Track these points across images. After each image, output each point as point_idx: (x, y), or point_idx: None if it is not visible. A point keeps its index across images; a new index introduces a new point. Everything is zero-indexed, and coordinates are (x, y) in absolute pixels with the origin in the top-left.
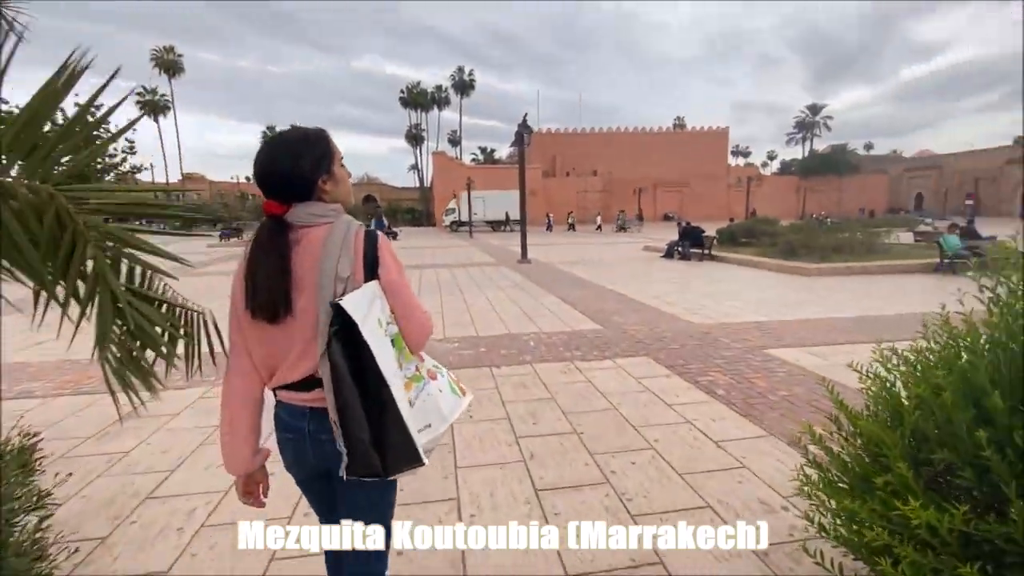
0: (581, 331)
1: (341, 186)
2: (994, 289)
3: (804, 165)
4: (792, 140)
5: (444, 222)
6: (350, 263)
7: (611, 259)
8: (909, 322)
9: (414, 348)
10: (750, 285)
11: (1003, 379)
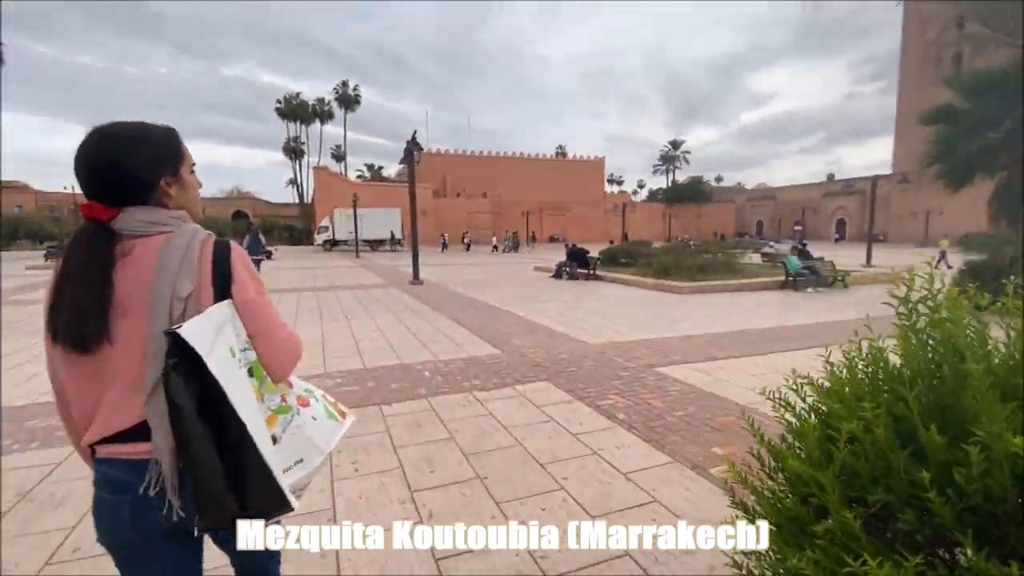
0: (479, 357)
1: (189, 193)
2: (911, 314)
3: (668, 194)
4: (658, 171)
5: (317, 240)
6: (192, 280)
7: (504, 279)
8: (771, 335)
9: (279, 375)
10: (633, 303)
11: (935, 411)
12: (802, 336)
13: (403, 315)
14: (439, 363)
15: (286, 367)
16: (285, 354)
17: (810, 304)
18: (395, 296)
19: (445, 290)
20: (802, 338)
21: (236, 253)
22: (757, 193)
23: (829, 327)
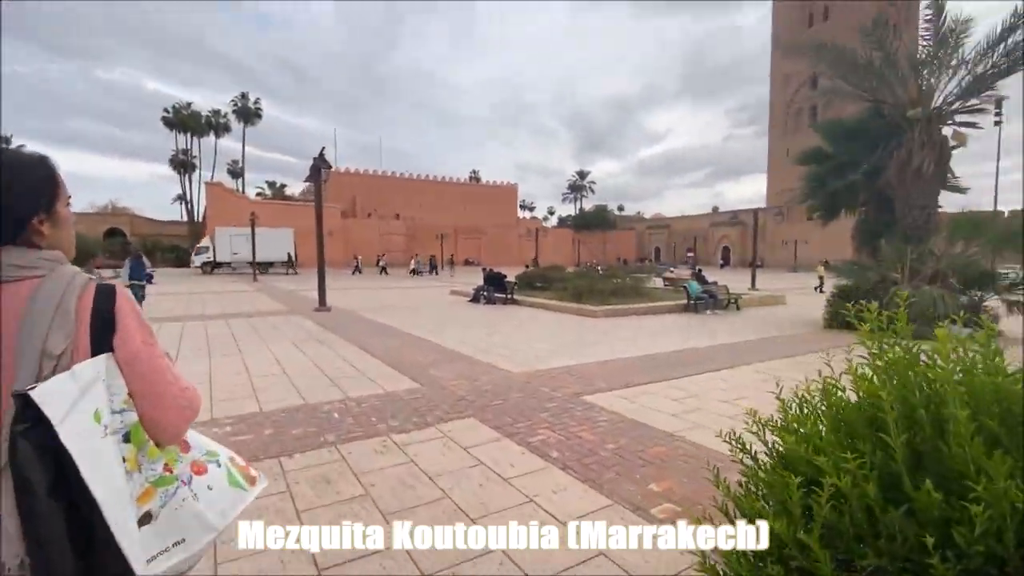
0: (396, 392)
1: (64, 230)
2: (877, 348)
3: (577, 220)
4: (566, 199)
5: (194, 263)
6: (68, 335)
7: (420, 304)
8: (682, 358)
9: (167, 438)
10: (551, 327)
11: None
12: (709, 358)
13: (307, 346)
14: (350, 402)
15: (177, 429)
16: (177, 413)
17: (711, 326)
18: (298, 324)
19: (355, 317)
20: (710, 360)
21: (122, 298)
22: (654, 222)
23: (732, 348)
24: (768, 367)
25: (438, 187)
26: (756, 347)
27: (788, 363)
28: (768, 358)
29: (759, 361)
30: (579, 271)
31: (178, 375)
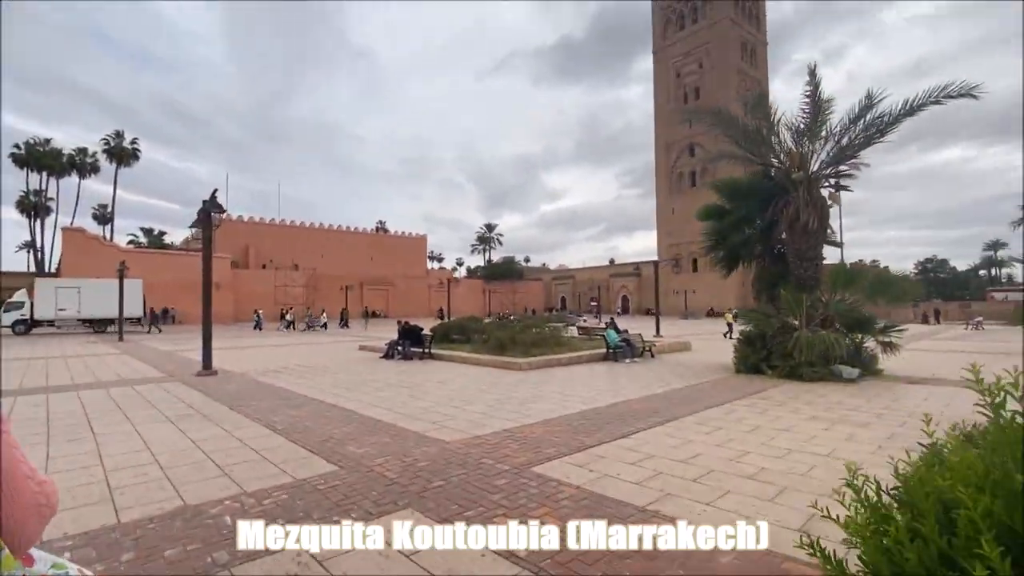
0: (308, 480)
1: None
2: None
3: (487, 271)
4: (475, 250)
5: (3, 321)
6: None
7: (326, 363)
8: (622, 412)
9: (24, 542)
10: (478, 385)
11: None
12: (649, 411)
13: (188, 423)
14: (247, 499)
15: (35, 531)
16: (35, 512)
17: (636, 375)
18: (176, 394)
19: (250, 381)
20: (650, 413)
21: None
22: (560, 273)
23: (664, 399)
24: (706, 417)
25: (343, 237)
26: (686, 396)
27: (722, 412)
28: (703, 407)
29: (695, 412)
30: (498, 322)
31: (33, 467)
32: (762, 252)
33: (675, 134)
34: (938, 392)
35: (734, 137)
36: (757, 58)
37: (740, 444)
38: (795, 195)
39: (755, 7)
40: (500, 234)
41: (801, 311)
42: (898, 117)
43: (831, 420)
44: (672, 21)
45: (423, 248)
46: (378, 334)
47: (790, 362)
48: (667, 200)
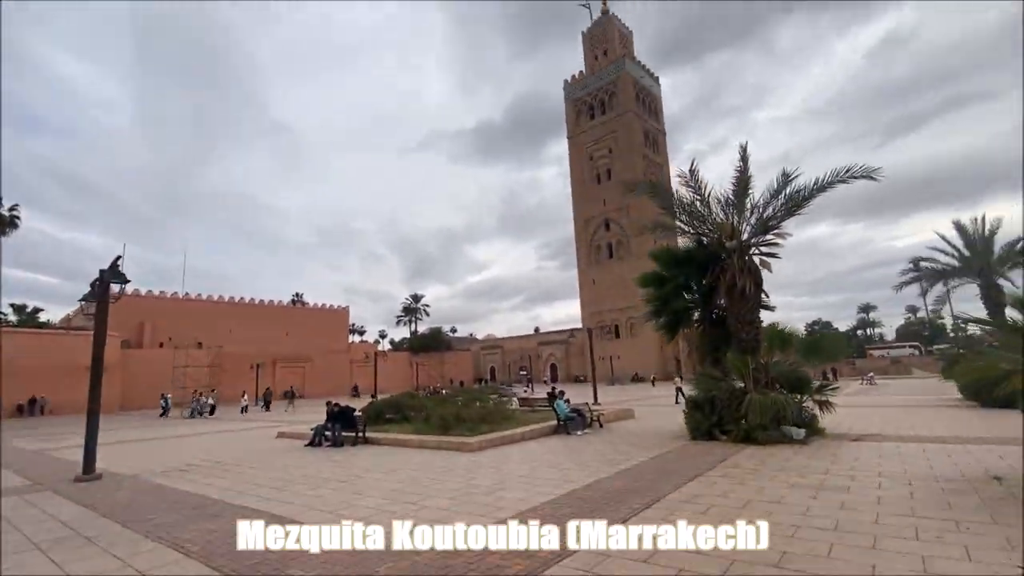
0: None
1: None
2: None
3: (414, 343)
4: (401, 322)
5: None
6: None
7: (242, 455)
8: (605, 494)
9: None
10: (429, 471)
11: None
12: (629, 491)
13: (64, 551)
14: None
15: None
16: None
17: (596, 449)
18: (48, 509)
19: (147, 486)
20: (631, 494)
21: None
22: (488, 343)
23: (636, 475)
24: (690, 494)
25: (254, 311)
26: (658, 469)
27: (703, 486)
28: (682, 481)
29: (677, 488)
30: (438, 397)
31: None
32: (702, 317)
33: (592, 210)
34: (887, 449)
35: (669, 209)
36: (658, 146)
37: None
38: (730, 262)
39: (653, 103)
40: (427, 305)
41: (748, 373)
42: (812, 192)
43: (812, 487)
44: (583, 112)
45: (344, 321)
46: (300, 417)
47: (743, 426)
48: (587, 271)
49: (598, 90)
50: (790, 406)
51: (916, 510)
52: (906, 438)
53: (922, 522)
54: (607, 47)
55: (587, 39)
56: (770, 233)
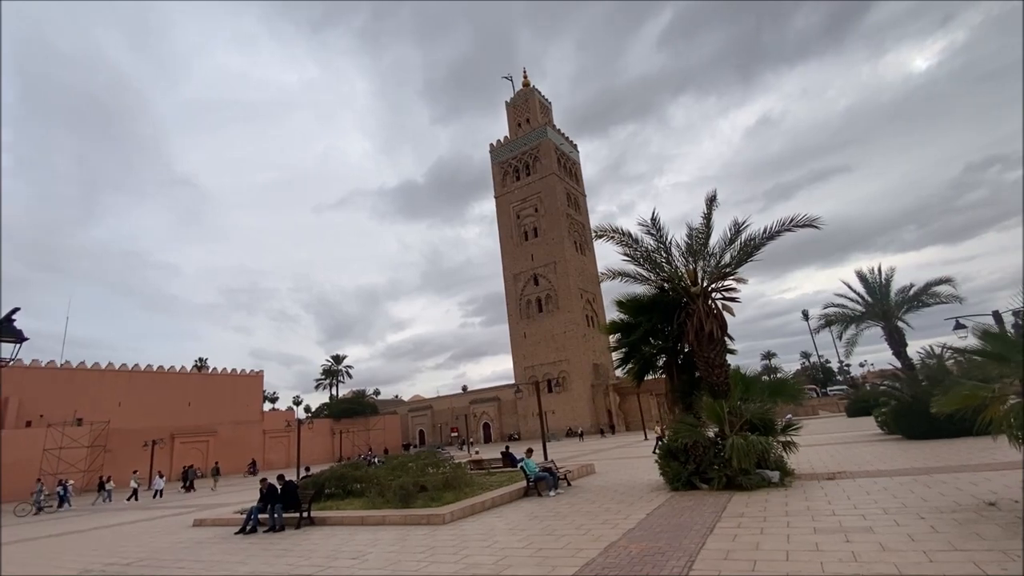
0: None
1: None
2: None
3: (336, 408)
4: (320, 385)
5: None
6: None
7: (150, 552)
8: (629, 561)
9: None
10: (409, 554)
11: None
12: (656, 551)
13: None
14: None
15: None
16: None
17: (581, 509)
18: None
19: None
20: (657, 554)
21: None
22: (416, 404)
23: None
24: (722, 550)
25: (150, 380)
26: (662, 527)
27: (725, 542)
28: (700, 538)
29: (700, 547)
30: (393, 464)
31: None
32: (669, 362)
33: (520, 266)
34: (866, 484)
35: (633, 256)
36: (579, 207)
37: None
38: (695, 307)
39: (573, 167)
40: (349, 366)
41: (724, 418)
42: (763, 240)
43: (835, 530)
44: (509, 173)
45: (258, 387)
46: (211, 500)
47: (726, 471)
48: (518, 326)
49: (523, 154)
50: (771, 448)
51: (954, 543)
52: (872, 473)
53: (975, 555)
54: (529, 116)
55: (511, 108)
56: (728, 279)
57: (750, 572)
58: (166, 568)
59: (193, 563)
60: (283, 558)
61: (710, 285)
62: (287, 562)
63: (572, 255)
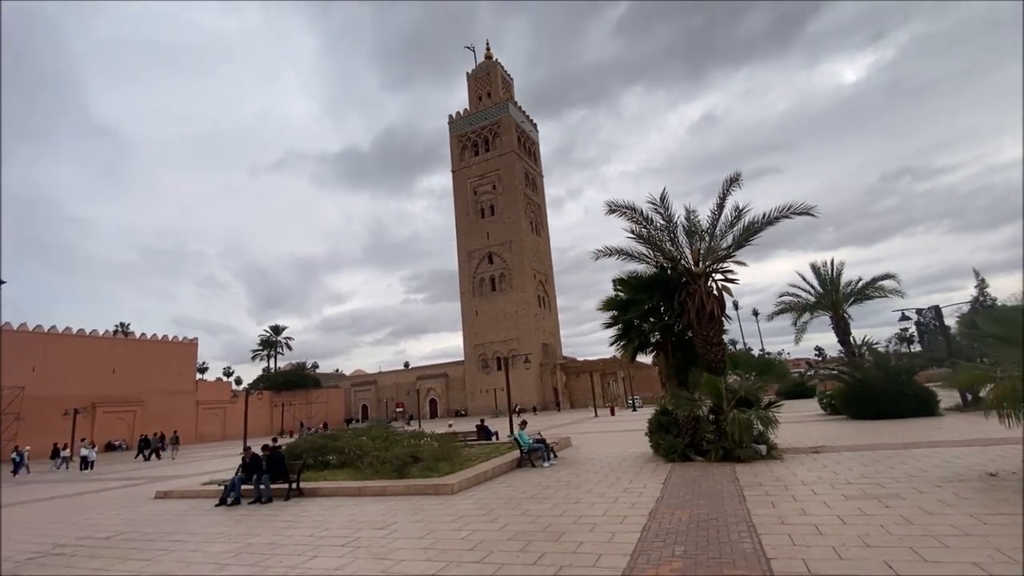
0: None
1: None
2: None
3: (275, 381)
4: (257, 357)
5: None
6: None
7: (123, 524)
8: (684, 519)
9: None
10: (428, 525)
11: None
12: (713, 519)
13: None
14: None
15: None
16: None
17: (589, 479)
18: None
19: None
20: (722, 520)
21: None
22: (359, 379)
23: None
24: (774, 516)
25: (68, 344)
26: (690, 494)
27: (763, 505)
28: (738, 504)
29: (749, 513)
30: (377, 431)
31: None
32: (664, 340)
33: (475, 243)
34: (854, 457)
35: (639, 235)
36: (537, 187)
37: (881, 536)
38: (696, 287)
39: (533, 147)
40: (289, 338)
41: (723, 393)
42: (762, 225)
43: (862, 496)
44: (468, 147)
45: (192, 356)
46: (150, 472)
47: (723, 443)
48: (470, 303)
49: (483, 128)
50: (769, 422)
51: (990, 507)
52: (851, 447)
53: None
54: (491, 90)
55: (472, 80)
56: (728, 261)
57: (817, 534)
58: (158, 541)
59: (189, 535)
60: (293, 529)
61: (712, 266)
62: (305, 533)
63: (528, 235)
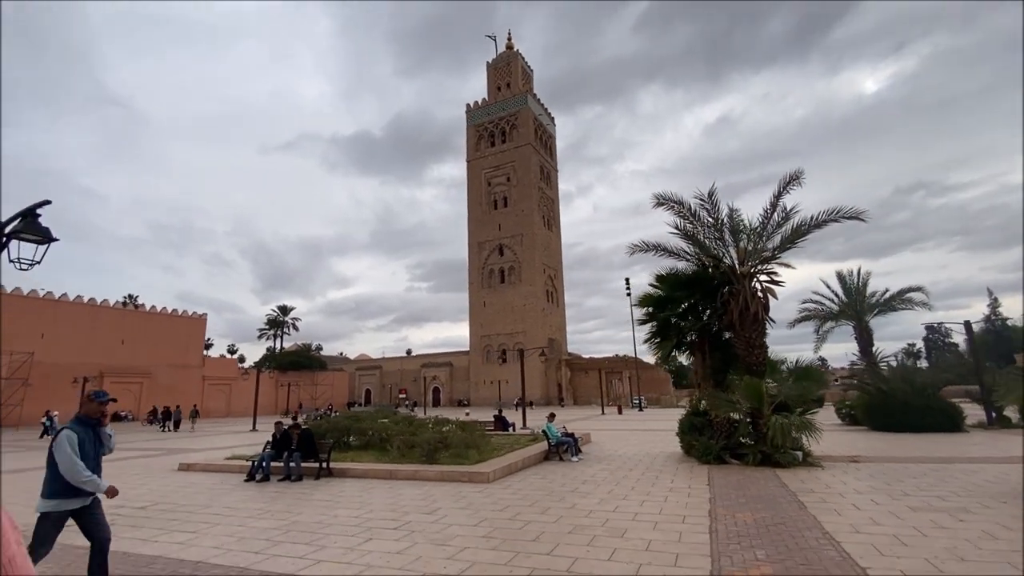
0: None
1: None
2: None
3: (282, 361)
4: (264, 336)
5: None
6: None
7: (150, 499)
8: (750, 522)
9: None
10: (476, 512)
11: None
12: (779, 524)
13: None
14: None
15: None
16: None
17: (629, 476)
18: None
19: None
20: (791, 525)
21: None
22: (363, 363)
23: (738, 502)
24: (843, 525)
25: (77, 312)
26: (742, 498)
27: (826, 513)
28: (798, 509)
29: (816, 519)
30: (403, 418)
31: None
32: (702, 340)
33: (487, 234)
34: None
35: (684, 231)
36: (551, 181)
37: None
38: (740, 287)
39: (549, 141)
40: (296, 319)
41: (764, 397)
42: (810, 228)
43: (929, 509)
44: (484, 137)
45: (201, 332)
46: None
47: (762, 448)
48: (479, 294)
49: (500, 119)
50: (809, 428)
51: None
52: (891, 459)
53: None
54: (510, 80)
55: (491, 69)
56: (773, 263)
57: (901, 545)
58: (196, 513)
59: (228, 509)
60: (337, 509)
61: (757, 267)
62: (350, 514)
63: (540, 229)
